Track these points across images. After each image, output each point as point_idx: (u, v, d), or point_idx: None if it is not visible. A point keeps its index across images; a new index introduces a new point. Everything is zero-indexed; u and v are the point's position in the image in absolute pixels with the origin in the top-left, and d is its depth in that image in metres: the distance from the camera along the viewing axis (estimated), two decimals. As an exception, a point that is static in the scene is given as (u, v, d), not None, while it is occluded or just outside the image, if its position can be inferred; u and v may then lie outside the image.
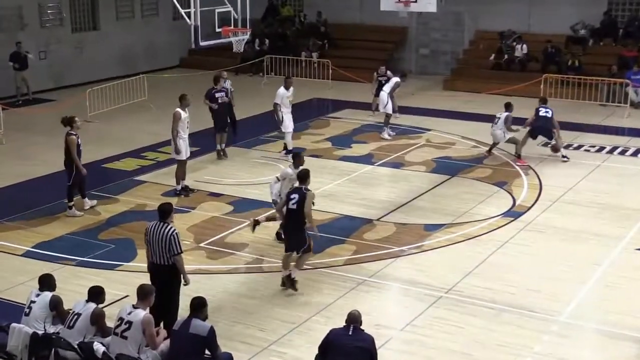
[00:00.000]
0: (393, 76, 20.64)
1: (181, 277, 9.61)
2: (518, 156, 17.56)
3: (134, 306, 8.47)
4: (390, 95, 19.85)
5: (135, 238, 12.86)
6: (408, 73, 24.64)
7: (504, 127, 17.54)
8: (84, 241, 13.04)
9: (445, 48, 29.14)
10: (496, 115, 17.78)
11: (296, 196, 11.03)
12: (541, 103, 18.03)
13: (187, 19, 16.72)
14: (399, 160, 17.85)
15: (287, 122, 17.61)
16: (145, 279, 9.58)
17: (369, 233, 13.47)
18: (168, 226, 9.53)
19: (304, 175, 11.37)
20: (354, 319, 8.13)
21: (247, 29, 18.39)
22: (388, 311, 11.02)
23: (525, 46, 26.12)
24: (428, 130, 20.52)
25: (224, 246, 12.88)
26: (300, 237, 11.08)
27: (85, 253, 12.50)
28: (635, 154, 18.35)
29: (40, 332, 8.57)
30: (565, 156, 17.65)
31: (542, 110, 17.76)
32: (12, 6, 24.49)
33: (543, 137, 17.97)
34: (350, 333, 8.03)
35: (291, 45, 29.06)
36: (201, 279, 11.19)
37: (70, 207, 14.13)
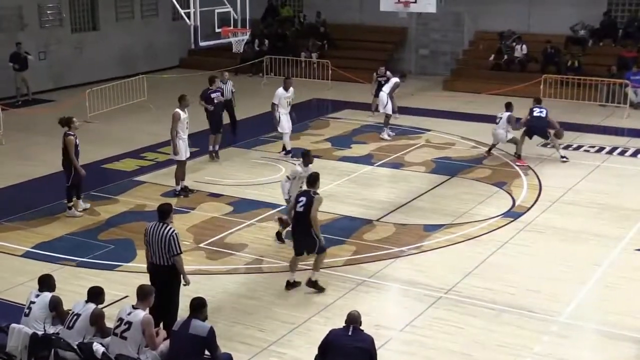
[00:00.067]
0: (392, 77, 20.66)
1: (181, 278, 9.61)
2: (518, 156, 17.55)
3: (134, 307, 8.47)
4: (389, 95, 19.84)
5: (134, 238, 12.85)
6: (408, 74, 24.65)
7: (507, 127, 17.52)
8: (84, 242, 13.04)
9: (444, 48, 29.14)
10: (497, 115, 17.77)
11: (304, 199, 11.03)
12: (535, 103, 18.01)
13: (187, 20, 16.70)
14: (399, 160, 17.85)
15: (284, 123, 17.59)
16: (144, 280, 9.58)
17: (369, 233, 13.47)
18: (167, 227, 9.53)
19: (314, 178, 11.35)
20: (354, 320, 8.13)
21: (247, 30, 18.37)
22: (388, 312, 11.01)
23: (524, 47, 26.14)
24: (428, 130, 20.52)
25: (224, 247, 12.87)
26: (308, 240, 11.05)
27: (84, 253, 12.50)
28: (634, 155, 18.35)
29: (39, 333, 8.56)
30: (564, 157, 17.66)
31: (537, 110, 17.75)
32: (12, 6, 24.48)
33: (540, 138, 17.98)
34: (349, 333, 8.03)
35: (291, 45, 29.05)
36: (201, 280, 11.18)
37: (69, 208, 14.13)
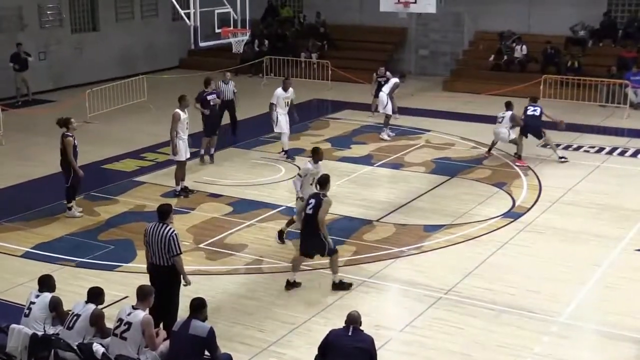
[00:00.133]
0: (392, 77, 20.65)
1: (181, 278, 9.61)
2: (518, 157, 17.54)
3: (134, 307, 8.46)
4: (389, 96, 19.84)
5: (134, 239, 12.85)
6: (407, 74, 24.67)
7: (509, 126, 17.46)
8: (84, 242, 13.04)
9: (444, 49, 29.14)
10: (498, 115, 17.73)
11: (313, 201, 11.05)
12: (531, 102, 18.00)
13: (187, 20, 16.69)
14: (399, 161, 17.85)
15: (283, 124, 17.58)
16: (144, 280, 9.57)
17: (369, 234, 13.47)
18: (167, 227, 9.53)
19: (324, 180, 11.36)
20: (354, 320, 8.13)
21: (247, 30, 18.36)
22: (388, 312, 11.01)
23: (524, 47, 26.14)
24: (427, 131, 20.52)
25: (224, 247, 12.87)
26: (315, 242, 11.03)
27: (84, 254, 12.49)
28: (634, 155, 18.35)
29: (39, 333, 8.56)
30: (562, 157, 17.63)
31: (530, 109, 17.72)
32: (12, 7, 24.49)
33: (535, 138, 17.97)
34: (349, 334, 8.03)
35: (290, 46, 29.06)
36: (200, 280, 11.17)
37: (69, 208, 14.13)
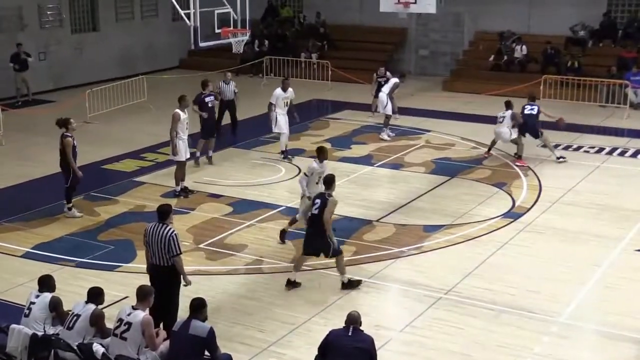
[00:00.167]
0: (392, 77, 20.65)
1: (181, 278, 9.61)
2: (519, 157, 17.53)
3: (134, 307, 8.46)
4: (389, 96, 19.83)
5: (134, 239, 12.85)
6: (407, 74, 24.65)
7: (510, 125, 17.44)
8: (84, 242, 13.04)
9: (444, 49, 29.14)
10: (498, 115, 17.70)
11: (319, 201, 11.07)
12: (529, 100, 17.96)
13: (187, 20, 16.69)
14: (399, 161, 17.85)
15: (282, 124, 17.56)
16: (144, 280, 9.56)
17: (369, 234, 13.47)
18: (167, 227, 9.52)
19: (329, 180, 11.37)
20: (354, 320, 8.13)
21: (247, 30, 18.36)
22: (388, 312, 11.00)
23: (524, 47, 26.14)
24: (427, 131, 20.52)
25: (224, 247, 12.87)
26: (320, 242, 11.02)
27: (84, 254, 12.49)
28: (634, 155, 18.35)
29: (39, 333, 8.56)
30: (560, 157, 17.58)
31: (527, 107, 17.67)
32: (12, 7, 24.49)
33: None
34: (349, 334, 8.03)
35: (290, 46, 29.06)
36: (200, 280, 11.16)
37: (69, 209, 14.13)
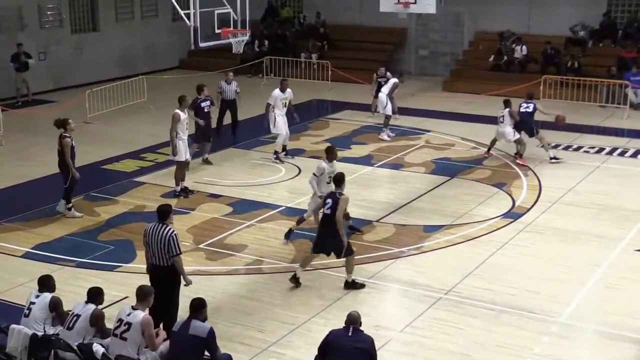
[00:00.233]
0: (392, 77, 20.64)
1: (181, 278, 9.61)
2: (520, 155, 17.49)
3: (133, 307, 8.46)
4: (389, 96, 19.82)
5: (134, 239, 12.84)
6: (407, 74, 24.65)
7: (512, 123, 17.44)
8: (84, 242, 13.04)
9: (444, 49, 29.14)
10: (498, 114, 17.68)
11: (330, 201, 11.04)
12: (526, 98, 17.94)
13: (187, 20, 16.69)
14: (399, 161, 17.84)
15: (281, 125, 17.54)
16: (144, 281, 9.56)
17: (369, 234, 13.46)
18: (167, 227, 9.52)
19: (339, 178, 11.33)
20: (354, 320, 8.13)
21: (247, 30, 18.36)
22: (387, 312, 11.01)
23: (524, 47, 26.14)
24: (427, 131, 20.52)
25: (224, 247, 12.87)
26: (332, 242, 10.99)
27: (84, 254, 12.49)
28: (634, 155, 18.35)
29: (39, 334, 8.56)
30: (554, 157, 17.48)
31: (524, 105, 17.65)
32: (12, 7, 24.48)
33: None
34: (349, 334, 8.03)
35: (290, 46, 29.06)
36: (200, 280, 11.16)
37: (69, 209, 14.13)
